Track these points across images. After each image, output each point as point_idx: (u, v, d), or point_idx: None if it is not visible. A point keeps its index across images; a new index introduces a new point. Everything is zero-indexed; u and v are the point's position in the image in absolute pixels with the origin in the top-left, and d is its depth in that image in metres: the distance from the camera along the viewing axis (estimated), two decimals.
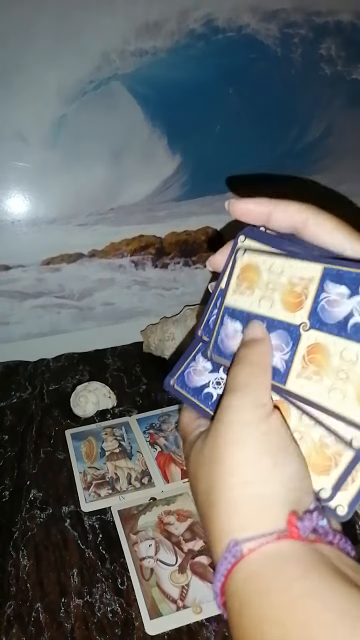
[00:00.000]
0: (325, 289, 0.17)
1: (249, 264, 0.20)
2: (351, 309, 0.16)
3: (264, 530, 0.14)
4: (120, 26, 0.50)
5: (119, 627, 0.28)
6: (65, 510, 0.36)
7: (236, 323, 0.19)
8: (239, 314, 0.19)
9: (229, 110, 0.56)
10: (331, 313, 0.16)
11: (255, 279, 0.19)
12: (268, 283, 0.19)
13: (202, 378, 0.20)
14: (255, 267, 0.19)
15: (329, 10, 0.55)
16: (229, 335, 0.19)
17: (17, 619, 0.29)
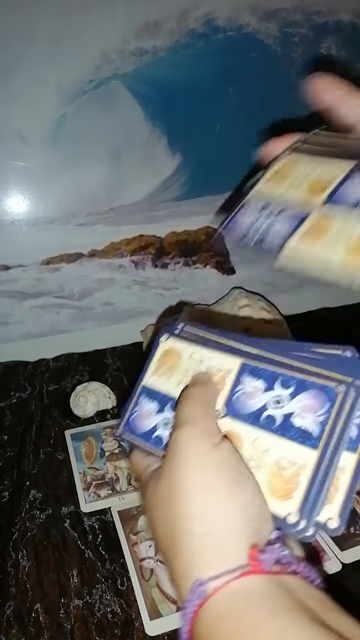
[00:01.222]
0: (241, 382, 0.19)
1: (171, 349, 0.21)
2: (265, 402, 0.18)
3: (227, 567, 0.14)
4: (120, 25, 0.50)
5: (118, 627, 0.28)
6: (65, 511, 0.36)
7: (152, 404, 0.20)
8: (156, 395, 0.20)
9: (229, 110, 0.56)
10: (246, 404, 0.18)
11: (176, 364, 0.20)
12: (187, 370, 0.20)
13: (149, 422, 0.20)
14: (177, 353, 0.21)
15: (329, 10, 0.55)
16: (142, 415, 0.20)
17: (17, 620, 0.29)
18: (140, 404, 0.20)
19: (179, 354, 0.21)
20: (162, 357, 0.21)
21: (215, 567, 0.14)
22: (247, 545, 0.14)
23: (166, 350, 0.21)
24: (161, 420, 0.20)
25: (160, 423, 0.20)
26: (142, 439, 0.20)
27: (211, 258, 0.63)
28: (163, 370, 0.21)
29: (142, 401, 0.20)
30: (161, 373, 0.21)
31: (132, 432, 0.20)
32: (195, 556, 0.15)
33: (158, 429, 0.20)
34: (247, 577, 0.14)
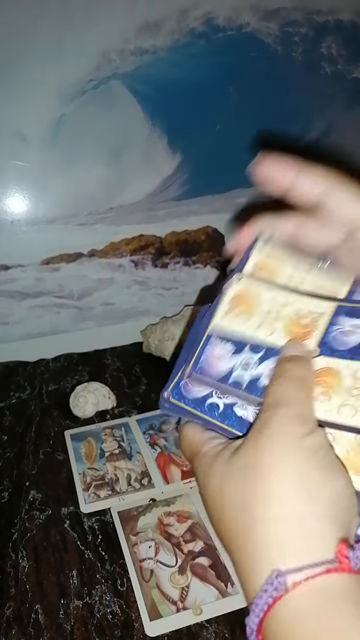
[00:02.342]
0: (337, 323, 0.17)
1: (246, 291, 0.19)
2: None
3: (311, 559, 0.12)
4: (120, 25, 0.49)
5: (118, 628, 0.28)
6: (64, 511, 0.36)
7: (227, 345, 0.18)
8: (230, 336, 0.18)
9: (229, 109, 0.56)
10: (344, 341, 0.17)
11: (253, 306, 0.18)
12: (269, 312, 0.18)
13: (201, 387, 0.18)
14: (254, 294, 0.19)
15: (329, 9, 0.55)
16: (215, 356, 0.18)
17: (17, 620, 0.29)
18: (209, 347, 0.18)
19: (257, 296, 0.18)
20: (234, 300, 0.19)
21: (297, 556, 0.13)
22: (336, 538, 0.13)
23: (240, 292, 0.19)
24: (239, 363, 0.18)
25: (237, 365, 0.18)
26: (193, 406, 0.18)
27: (211, 258, 0.63)
28: (237, 312, 0.18)
29: (212, 344, 0.18)
30: (235, 314, 0.18)
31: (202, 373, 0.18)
32: (274, 541, 0.13)
33: (235, 372, 0.17)
34: (332, 575, 0.12)
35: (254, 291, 0.19)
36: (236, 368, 0.18)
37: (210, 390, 0.18)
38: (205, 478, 0.16)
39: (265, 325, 0.18)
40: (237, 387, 0.17)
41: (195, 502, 0.35)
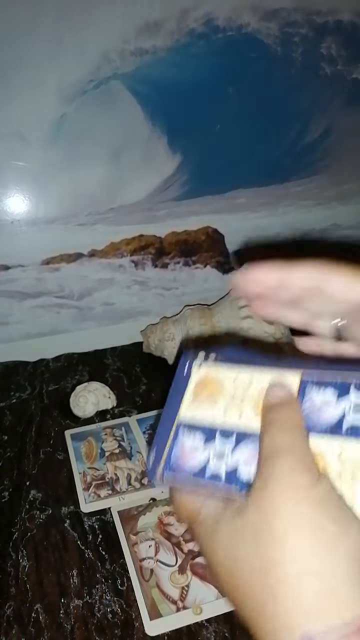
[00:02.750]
0: (307, 396, 0.17)
1: (208, 377, 0.19)
2: (342, 411, 0.16)
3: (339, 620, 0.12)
4: (120, 25, 0.50)
5: (118, 627, 0.28)
6: (64, 511, 0.36)
7: (197, 434, 0.18)
8: (199, 425, 0.18)
9: (229, 110, 0.56)
10: (319, 418, 0.16)
11: (217, 391, 0.18)
12: (234, 395, 0.18)
13: (196, 457, 0.17)
14: (216, 380, 0.18)
15: (329, 10, 0.55)
16: (186, 451, 0.17)
17: (17, 620, 0.29)
18: (179, 441, 0.18)
19: (219, 380, 0.18)
20: (197, 388, 0.18)
21: (324, 617, 0.12)
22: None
23: (200, 380, 0.19)
24: (212, 454, 0.17)
25: (211, 456, 0.17)
26: (191, 478, 0.17)
27: (211, 258, 0.63)
28: (202, 399, 0.18)
29: (181, 437, 0.18)
30: (200, 403, 0.18)
31: (176, 472, 0.17)
32: (297, 603, 0.12)
33: (210, 464, 0.17)
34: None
35: (216, 375, 0.19)
36: (211, 459, 0.17)
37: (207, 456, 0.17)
38: (210, 544, 0.15)
39: (233, 409, 0.18)
40: (215, 480, 0.16)
41: None
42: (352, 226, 0.67)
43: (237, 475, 0.16)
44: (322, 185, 0.63)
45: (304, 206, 0.64)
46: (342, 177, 0.64)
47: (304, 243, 0.62)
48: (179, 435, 0.18)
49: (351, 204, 0.66)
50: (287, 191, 0.62)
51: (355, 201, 0.66)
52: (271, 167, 0.61)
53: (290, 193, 0.62)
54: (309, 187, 0.63)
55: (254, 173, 0.60)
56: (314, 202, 0.64)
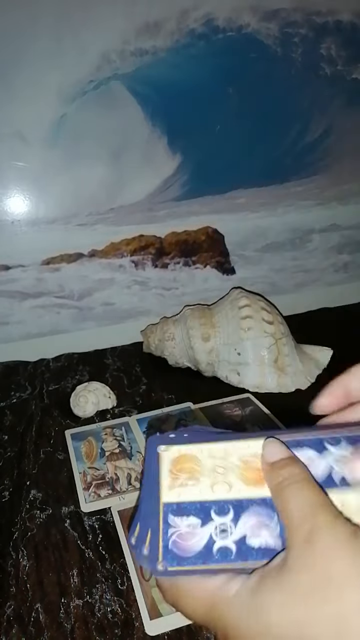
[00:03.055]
0: None
1: (180, 455, 0.18)
2: (329, 466, 0.16)
3: None
4: (120, 26, 0.50)
5: (118, 627, 0.28)
6: (65, 511, 0.36)
7: (189, 518, 0.17)
8: (188, 507, 0.17)
9: (229, 110, 0.56)
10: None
11: (195, 468, 0.17)
12: (214, 468, 0.17)
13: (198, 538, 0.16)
14: (190, 456, 0.18)
15: (329, 10, 0.55)
16: (183, 535, 0.16)
17: (17, 620, 0.29)
18: (172, 525, 0.16)
19: (193, 457, 0.18)
20: (173, 467, 0.18)
21: None
22: None
23: (174, 459, 0.18)
24: (214, 531, 0.16)
25: (214, 534, 0.16)
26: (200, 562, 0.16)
27: (211, 258, 0.63)
28: (182, 479, 0.17)
29: (172, 521, 0.16)
30: (182, 483, 0.17)
31: (179, 560, 0.16)
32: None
33: (216, 541, 0.16)
34: None
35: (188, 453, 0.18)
36: (215, 538, 0.16)
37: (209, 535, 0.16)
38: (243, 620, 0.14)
39: (219, 483, 0.17)
40: (226, 559, 0.16)
41: None
42: (352, 226, 0.67)
43: (248, 546, 0.16)
44: (322, 185, 0.64)
45: (304, 206, 0.64)
46: (342, 177, 0.64)
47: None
48: (169, 522, 0.17)
49: (351, 204, 0.66)
50: (287, 191, 0.62)
51: (355, 201, 0.66)
52: (271, 167, 0.61)
53: (290, 193, 0.62)
54: (309, 187, 0.63)
55: (254, 173, 0.60)
56: (314, 202, 0.64)
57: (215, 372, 0.50)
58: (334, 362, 0.51)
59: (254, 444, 0.17)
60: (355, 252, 0.69)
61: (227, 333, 0.49)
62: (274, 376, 0.47)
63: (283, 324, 0.50)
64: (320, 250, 0.67)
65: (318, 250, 0.67)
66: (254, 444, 0.17)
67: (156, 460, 0.18)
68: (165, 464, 0.18)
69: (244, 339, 0.47)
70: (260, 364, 0.47)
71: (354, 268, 0.70)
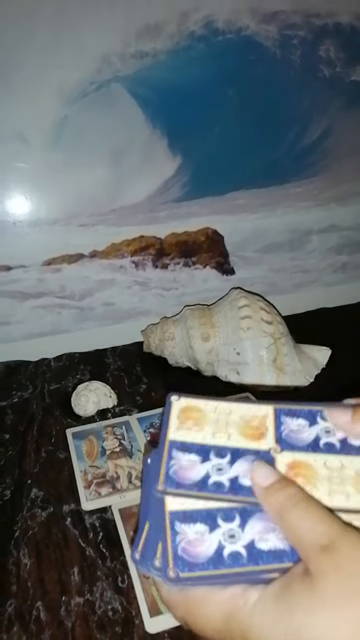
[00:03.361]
0: (283, 422, 0.19)
1: (189, 406, 0.20)
2: (316, 434, 0.19)
3: None
4: (121, 28, 0.50)
5: (119, 625, 0.28)
6: (66, 509, 0.36)
7: (191, 455, 0.19)
8: (191, 447, 0.19)
9: (228, 112, 0.57)
10: (298, 438, 0.19)
11: (201, 418, 0.20)
12: (217, 421, 0.20)
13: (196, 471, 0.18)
14: (197, 408, 0.20)
15: (328, 12, 0.56)
16: (183, 466, 0.18)
17: (18, 618, 0.29)
18: (175, 458, 0.18)
19: (200, 409, 0.20)
20: (182, 414, 0.20)
21: None
22: None
23: (183, 408, 0.20)
24: (212, 467, 0.18)
25: (211, 470, 0.18)
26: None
27: (211, 259, 0.63)
28: (188, 425, 0.20)
29: (175, 455, 0.19)
30: (187, 427, 0.19)
31: (177, 485, 0.18)
32: None
33: (212, 476, 0.18)
34: None
35: (196, 406, 0.20)
36: (211, 473, 0.18)
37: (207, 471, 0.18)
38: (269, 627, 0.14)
39: (220, 432, 0.19)
40: (219, 490, 0.17)
41: None
42: (350, 227, 0.68)
43: (240, 484, 0.17)
44: (321, 186, 0.64)
45: (303, 207, 0.64)
46: (340, 179, 0.64)
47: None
48: (173, 455, 0.19)
49: (350, 205, 0.66)
50: (286, 192, 0.63)
51: (354, 202, 0.66)
52: (270, 169, 0.61)
53: (290, 194, 0.63)
54: (308, 189, 0.63)
55: (254, 174, 0.61)
56: (313, 203, 0.64)
57: (214, 371, 0.51)
58: (332, 361, 0.51)
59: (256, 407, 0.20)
60: (353, 252, 0.69)
61: (227, 333, 0.49)
62: (272, 375, 0.47)
63: (282, 323, 0.50)
64: (319, 251, 0.67)
65: (317, 251, 0.67)
66: (258, 408, 0.20)
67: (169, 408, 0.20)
68: (174, 411, 0.20)
69: (243, 339, 0.47)
70: (259, 364, 0.48)
71: (353, 269, 0.70)
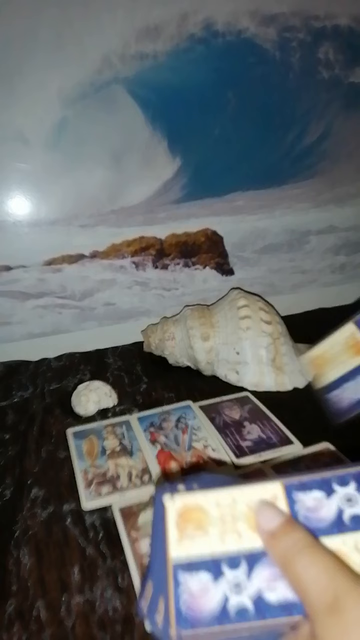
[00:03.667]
0: (296, 501, 0.16)
1: (186, 506, 0.17)
2: (337, 505, 0.16)
3: None
4: (121, 30, 0.50)
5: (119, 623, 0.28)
6: (66, 508, 0.36)
7: (200, 574, 0.16)
8: (198, 563, 0.16)
9: (228, 114, 0.57)
10: (319, 518, 0.16)
11: (203, 518, 0.17)
12: (222, 517, 0.17)
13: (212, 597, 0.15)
14: (196, 506, 0.17)
15: (326, 15, 0.56)
16: (195, 593, 0.15)
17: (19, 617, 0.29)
18: (182, 587, 0.15)
19: (200, 507, 0.17)
20: (180, 520, 0.17)
21: None
22: None
23: (180, 511, 0.17)
24: (228, 586, 0.15)
25: (228, 592, 0.15)
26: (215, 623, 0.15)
27: (211, 259, 0.64)
28: (190, 533, 0.16)
29: (183, 579, 0.15)
30: (189, 536, 0.16)
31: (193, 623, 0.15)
32: None
33: (230, 599, 0.15)
34: None
35: (194, 504, 0.17)
36: (229, 595, 0.15)
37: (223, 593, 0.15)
38: None
39: (229, 532, 0.16)
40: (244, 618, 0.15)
41: None
42: (348, 228, 0.68)
43: (266, 602, 0.15)
44: (319, 188, 0.64)
45: (301, 209, 0.64)
46: (339, 180, 0.65)
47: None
48: (180, 581, 0.15)
49: (348, 207, 0.66)
50: (285, 194, 0.63)
51: (352, 203, 0.67)
52: (269, 171, 0.61)
53: (288, 196, 0.63)
54: (306, 190, 0.64)
55: (252, 176, 0.61)
56: (311, 205, 0.65)
57: (214, 371, 0.51)
58: None
59: (261, 488, 0.17)
60: (351, 253, 0.69)
61: (226, 333, 0.49)
62: (272, 375, 0.48)
63: (281, 323, 0.50)
64: (318, 252, 0.68)
65: (315, 251, 0.67)
66: (260, 488, 0.17)
67: (162, 512, 0.17)
68: (171, 516, 0.17)
69: (242, 339, 0.48)
70: (259, 363, 0.48)
71: (351, 269, 0.70)
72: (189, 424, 0.43)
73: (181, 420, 0.44)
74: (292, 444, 0.39)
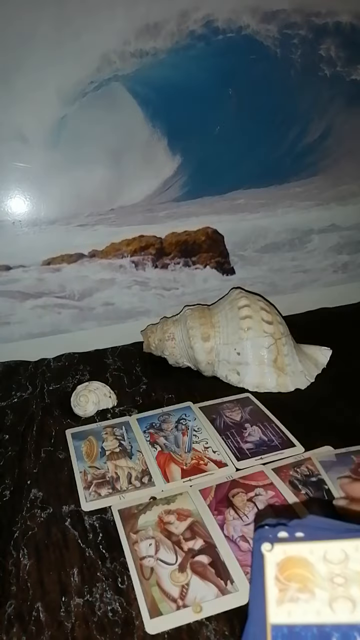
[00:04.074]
0: None
1: (289, 559, 0.15)
2: None
3: None
4: (121, 27, 0.50)
5: (119, 626, 0.28)
6: (65, 510, 0.36)
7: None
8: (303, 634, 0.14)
9: (228, 111, 0.57)
10: None
11: (309, 575, 0.14)
12: (331, 577, 0.14)
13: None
14: (300, 560, 0.15)
15: (328, 11, 0.56)
16: None
17: (18, 618, 0.29)
18: None
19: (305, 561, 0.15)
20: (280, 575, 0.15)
21: None
22: None
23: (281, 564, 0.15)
24: None
25: None
26: None
27: (211, 258, 0.63)
28: (293, 592, 0.14)
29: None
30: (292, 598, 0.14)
31: None
32: None
33: None
34: None
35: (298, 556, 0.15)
36: None
37: None
38: None
39: (340, 598, 0.14)
40: None
41: (195, 500, 0.35)
42: (350, 227, 0.68)
43: None
44: (321, 186, 0.64)
45: (303, 207, 0.64)
46: (340, 178, 0.64)
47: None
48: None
49: (350, 205, 0.66)
50: (286, 192, 0.62)
51: (354, 202, 0.66)
52: (270, 168, 0.61)
53: (289, 194, 0.63)
54: (308, 188, 0.63)
55: (253, 174, 0.61)
56: (313, 203, 0.64)
57: (215, 371, 0.51)
58: (333, 361, 0.51)
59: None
60: (354, 252, 0.69)
61: (227, 333, 0.49)
62: (273, 376, 0.47)
63: (282, 323, 0.50)
64: (320, 251, 0.67)
65: (317, 250, 0.67)
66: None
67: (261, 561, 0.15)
68: (270, 569, 0.15)
69: (243, 339, 0.47)
70: (260, 364, 0.47)
71: (353, 268, 0.70)
72: (189, 425, 0.43)
73: (181, 421, 0.44)
74: (294, 446, 0.38)
